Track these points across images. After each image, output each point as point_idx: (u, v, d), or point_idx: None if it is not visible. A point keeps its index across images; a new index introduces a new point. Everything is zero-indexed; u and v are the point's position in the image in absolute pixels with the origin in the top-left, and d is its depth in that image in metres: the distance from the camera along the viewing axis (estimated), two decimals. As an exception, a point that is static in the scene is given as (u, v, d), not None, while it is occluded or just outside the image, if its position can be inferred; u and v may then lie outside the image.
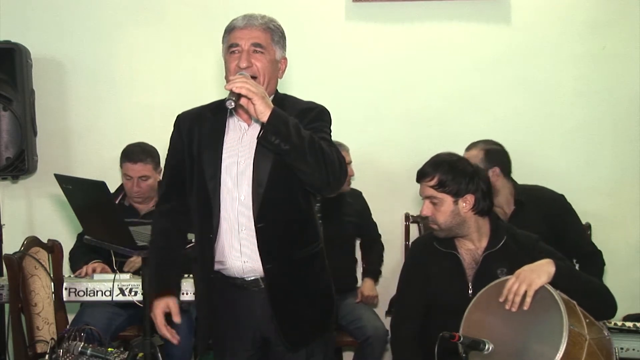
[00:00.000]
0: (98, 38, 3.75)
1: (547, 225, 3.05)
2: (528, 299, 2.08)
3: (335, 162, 1.99)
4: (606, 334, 2.10)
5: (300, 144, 1.91)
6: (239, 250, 2.10)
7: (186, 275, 2.89)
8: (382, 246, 3.62)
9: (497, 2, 3.66)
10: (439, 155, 2.47)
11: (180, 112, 2.25)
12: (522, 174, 3.63)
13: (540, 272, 2.12)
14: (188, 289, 2.81)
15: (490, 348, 2.05)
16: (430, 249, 2.49)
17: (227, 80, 2.07)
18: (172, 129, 2.22)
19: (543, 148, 3.70)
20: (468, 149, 3.20)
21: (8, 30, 3.63)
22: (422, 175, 2.43)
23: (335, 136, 2.14)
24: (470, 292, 2.39)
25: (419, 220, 3.60)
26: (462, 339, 2.00)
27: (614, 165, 3.70)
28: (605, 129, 3.69)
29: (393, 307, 2.59)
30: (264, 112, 1.89)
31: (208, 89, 3.56)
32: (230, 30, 2.13)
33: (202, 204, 2.13)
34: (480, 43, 3.70)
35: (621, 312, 3.13)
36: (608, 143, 3.69)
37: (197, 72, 3.73)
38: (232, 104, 1.89)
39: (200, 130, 2.16)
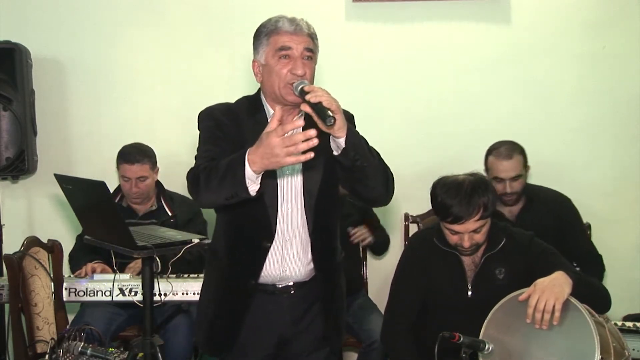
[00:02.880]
0: (98, 38, 3.75)
1: (555, 224, 3.07)
2: (557, 314, 2.04)
3: (391, 176, 2.00)
4: (627, 354, 2.10)
5: (373, 161, 1.90)
6: (280, 258, 2.09)
7: (195, 276, 2.90)
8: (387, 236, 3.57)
9: (497, 2, 3.66)
10: (462, 185, 2.31)
11: (201, 110, 2.10)
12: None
13: (562, 284, 2.09)
14: (189, 289, 2.81)
15: (490, 348, 2.06)
16: (430, 244, 2.46)
17: (269, 85, 1.98)
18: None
19: (543, 148, 3.69)
20: (508, 157, 3.14)
21: (8, 30, 3.63)
22: (460, 216, 2.27)
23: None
24: (469, 293, 2.39)
25: (419, 220, 3.60)
26: (462, 339, 2.01)
27: (614, 165, 3.70)
28: (605, 129, 3.68)
29: (387, 298, 2.55)
30: (342, 127, 1.80)
31: (208, 90, 3.56)
32: (276, 32, 1.99)
33: (254, 213, 2.03)
34: (480, 43, 3.70)
35: (621, 312, 3.15)
36: (608, 143, 3.69)
37: (196, 72, 3.71)
38: (332, 120, 1.76)
39: (238, 130, 2.02)
